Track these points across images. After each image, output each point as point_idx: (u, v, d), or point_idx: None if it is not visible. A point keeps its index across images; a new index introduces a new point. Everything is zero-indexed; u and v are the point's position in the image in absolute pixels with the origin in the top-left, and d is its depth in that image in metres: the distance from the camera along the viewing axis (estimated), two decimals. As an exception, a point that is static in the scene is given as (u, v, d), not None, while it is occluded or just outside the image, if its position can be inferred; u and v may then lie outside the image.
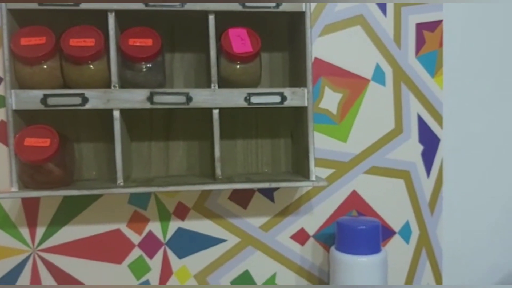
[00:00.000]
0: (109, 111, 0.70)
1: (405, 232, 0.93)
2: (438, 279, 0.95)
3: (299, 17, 0.76)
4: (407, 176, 0.92)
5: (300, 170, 0.81)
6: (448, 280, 0.96)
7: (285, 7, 0.73)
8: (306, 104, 0.75)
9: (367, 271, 0.77)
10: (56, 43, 0.68)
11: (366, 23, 0.89)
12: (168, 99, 0.71)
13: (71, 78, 0.69)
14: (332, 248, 0.82)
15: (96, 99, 0.69)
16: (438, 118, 0.93)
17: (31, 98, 0.68)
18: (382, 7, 0.90)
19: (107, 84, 0.70)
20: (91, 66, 0.69)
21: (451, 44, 0.93)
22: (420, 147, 0.92)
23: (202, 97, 0.72)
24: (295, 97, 0.74)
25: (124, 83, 0.72)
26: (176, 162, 0.84)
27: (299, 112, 0.79)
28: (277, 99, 0.74)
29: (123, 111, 0.72)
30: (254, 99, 0.73)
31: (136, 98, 0.70)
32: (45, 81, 0.69)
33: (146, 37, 0.70)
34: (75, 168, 0.77)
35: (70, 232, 0.82)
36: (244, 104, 0.73)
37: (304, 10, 0.74)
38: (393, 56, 0.90)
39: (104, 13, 0.70)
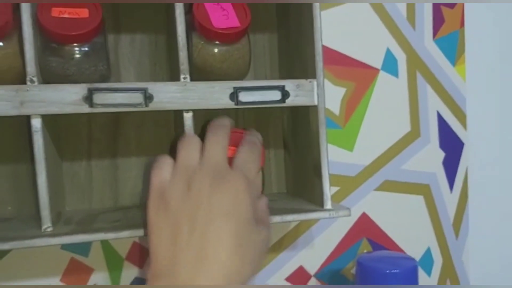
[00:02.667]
0: (25, 119, 0.46)
1: (426, 262, 0.73)
2: (466, 317, 0.76)
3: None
4: (427, 191, 0.73)
5: (304, 192, 0.59)
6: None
7: None
8: (316, 103, 0.53)
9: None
10: None
11: (373, -4, 0.69)
12: (116, 99, 0.47)
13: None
14: (350, 297, 0.61)
15: (3, 101, 0.44)
16: (461, 117, 0.74)
17: None
18: (391, -24, 0.70)
19: (21, 78, 0.46)
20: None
21: (474, 24, 0.74)
22: (442, 154, 0.73)
23: (168, 95, 0.49)
24: (300, 93, 0.52)
25: (47, 76, 0.47)
26: (129, 187, 0.60)
27: (301, 113, 0.57)
28: (276, 95, 0.52)
29: (47, 118, 0.47)
30: (244, 97, 0.51)
31: (67, 98, 0.46)
32: None
33: (78, 6, 0.46)
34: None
35: (-26, 299, 0.57)
36: (229, 104, 0.50)
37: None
38: (406, 38, 0.70)
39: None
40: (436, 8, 0.72)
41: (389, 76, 0.70)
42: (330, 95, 0.67)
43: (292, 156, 0.63)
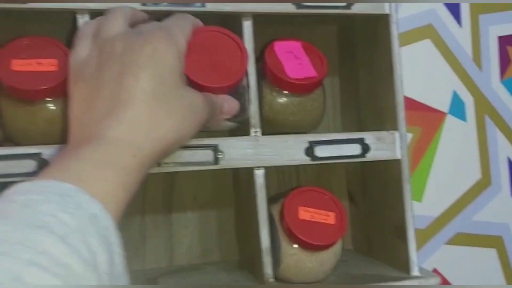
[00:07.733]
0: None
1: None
2: None
3: (378, 21, 0.49)
4: (500, 244, 0.67)
5: (381, 253, 0.54)
6: None
7: (361, 7, 0.47)
8: (399, 156, 0.48)
9: None
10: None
11: (437, 36, 0.64)
12: (185, 157, 0.43)
13: (17, 127, 0.40)
14: None
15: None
16: (534, 163, 0.68)
17: None
18: (455, 13, 0.65)
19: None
20: (51, 106, 0.40)
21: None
22: (514, 203, 0.67)
23: (240, 151, 0.44)
24: (381, 146, 0.48)
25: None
26: (185, 245, 0.55)
27: (373, 164, 0.53)
28: (355, 149, 0.47)
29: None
30: (320, 151, 0.46)
31: (133, 157, 0.42)
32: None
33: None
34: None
35: None
36: (305, 160, 0.46)
37: (388, 12, 0.48)
38: (473, 80, 0.66)
39: (70, 15, 0.41)
40: (502, 47, 0.67)
41: (457, 120, 0.65)
42: (395, 142, 0.62)
43: (361, 210, 0.57)
